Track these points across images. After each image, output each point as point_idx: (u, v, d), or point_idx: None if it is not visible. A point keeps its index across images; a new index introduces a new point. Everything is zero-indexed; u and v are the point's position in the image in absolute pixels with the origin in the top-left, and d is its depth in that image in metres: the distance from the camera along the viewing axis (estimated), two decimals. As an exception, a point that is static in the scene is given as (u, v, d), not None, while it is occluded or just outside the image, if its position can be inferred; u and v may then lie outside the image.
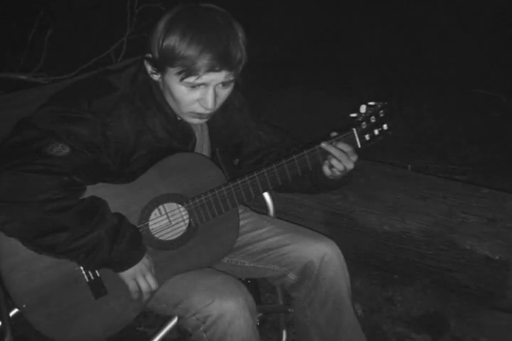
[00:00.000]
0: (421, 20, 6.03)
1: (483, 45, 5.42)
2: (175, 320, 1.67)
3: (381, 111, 1.69)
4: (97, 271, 1.54)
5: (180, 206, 1.63)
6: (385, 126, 1.70)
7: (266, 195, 1.98)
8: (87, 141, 1.49)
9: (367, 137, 1.69)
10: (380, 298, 2.52)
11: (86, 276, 1.54)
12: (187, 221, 1.64)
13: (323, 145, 1.64)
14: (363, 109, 1.68)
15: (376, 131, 1.70)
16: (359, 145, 1.68)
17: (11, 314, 1.69)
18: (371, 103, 1.69)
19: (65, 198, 1.44)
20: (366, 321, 2.36)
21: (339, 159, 1.63)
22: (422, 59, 5.41)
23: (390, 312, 2.45)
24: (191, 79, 1.49)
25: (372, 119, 1.68)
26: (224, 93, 1.56)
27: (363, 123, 1.67)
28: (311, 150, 1.65)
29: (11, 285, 1.48)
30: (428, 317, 2.40)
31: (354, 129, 1.67)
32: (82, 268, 1.53)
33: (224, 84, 1.53)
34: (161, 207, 1.61)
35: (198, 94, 1.52)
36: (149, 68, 1.55)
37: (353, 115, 1.69)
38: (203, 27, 1.47)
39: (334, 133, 1.67)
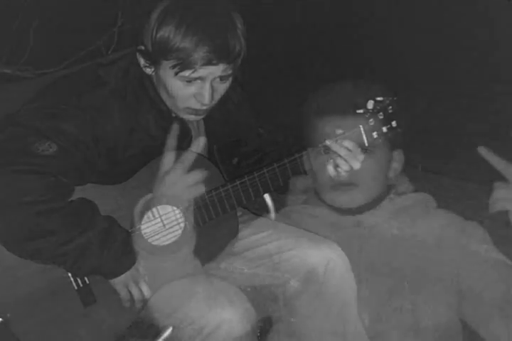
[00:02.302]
0: (430, 12, 6.03)
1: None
2: (169, 330, 1.67)
3: (390, 107, 1.69)
4: (86, 278, 1.54)
5: (175, 208, 1.62)
6: (393, 123, 1.70)
7: (267, 197, 1.98)
8: (76, 139, 1.49)
9: (374, 135, 1.69)
10: (388, 306, 2.52)
11: (74, 283, 1.54)
12: (182, 224, 1.64)
13: (328, 143, 1.64)
14: (370, 104, 1.68)
15: (384, 129, 1.70)
16: (366, 144, 1.68)
17: (-5, 324, 1.69)
18: (379, 98, 1.69)
19: (52, 200, 1.44)
20: (373, 331, 2.35)
21: (345, 158, 1.63)
22: (432, 53, 5.41)
23: (399, 322, 2.44)
24: (187, 73, 1.49)
25: (380, 116, 1.68)
26: (222, 88, 1.56)
27: (371, 120, 1.67)
28: (314, 149, 1.65)
29: (-6, 293, 1.48)
30: (440, 328, 2.39)
31: (361, 126, 1.67)
32: (70, 274, 1.53)
33: (222, 78, 1.53)
34: (154, 209, 1.61)
35: (193, 88, 1.52)
36: (142, 61, 1.55)
37: (360, 111, 1.68)
38: (199, 17, 1.47)
39: (340, 131, 1.67)
